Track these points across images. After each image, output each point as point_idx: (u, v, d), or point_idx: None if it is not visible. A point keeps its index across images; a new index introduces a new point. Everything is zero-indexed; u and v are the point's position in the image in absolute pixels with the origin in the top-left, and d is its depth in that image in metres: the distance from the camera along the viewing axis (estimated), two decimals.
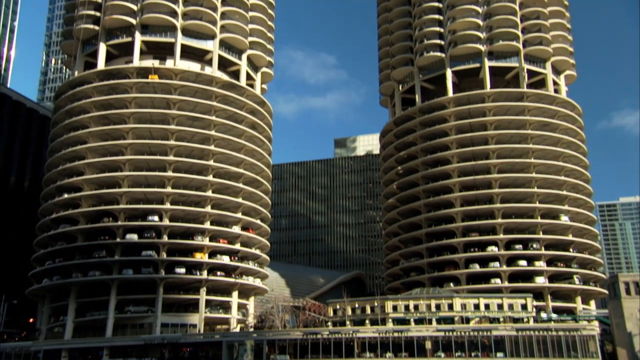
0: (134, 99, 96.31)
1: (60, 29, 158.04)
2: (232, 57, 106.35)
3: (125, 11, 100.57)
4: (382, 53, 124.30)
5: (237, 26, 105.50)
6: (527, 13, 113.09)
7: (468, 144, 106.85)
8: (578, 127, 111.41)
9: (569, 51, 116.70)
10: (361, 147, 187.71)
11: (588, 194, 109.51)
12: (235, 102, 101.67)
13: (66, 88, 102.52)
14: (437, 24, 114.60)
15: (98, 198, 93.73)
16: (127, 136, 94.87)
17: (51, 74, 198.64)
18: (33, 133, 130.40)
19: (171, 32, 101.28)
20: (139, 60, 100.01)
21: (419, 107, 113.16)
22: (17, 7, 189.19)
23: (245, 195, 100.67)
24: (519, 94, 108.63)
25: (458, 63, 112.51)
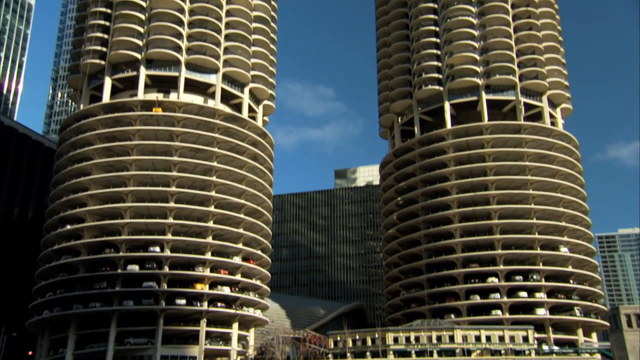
0: (137, 131, 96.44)
1: (67, 63, 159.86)
2: (235, 90, 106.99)
3: (130, 46, 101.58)
4: (382, 86, 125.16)
5: (240, 60, 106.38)
6: (522, 48, 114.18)
7: (467, 175, 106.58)
8: (575, 159, 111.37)
9: (564, 85, 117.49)
10: (361, 178, 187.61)
11: (587, 226, 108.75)
12: (237, 134, 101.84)
13: (71, 121, 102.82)
14: (435, 59, 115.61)
15: (100, 229, 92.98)
16: (130, 168, 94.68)
17: (57, 107, 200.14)
18: (38, 165, 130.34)
19: (175, 66, 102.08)
20: (144, 94, 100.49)
21: (418, 139, 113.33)
22: (27, 44, 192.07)
23: (246, 226, 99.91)
24: (516, 126, 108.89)
25: (456, 96, 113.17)
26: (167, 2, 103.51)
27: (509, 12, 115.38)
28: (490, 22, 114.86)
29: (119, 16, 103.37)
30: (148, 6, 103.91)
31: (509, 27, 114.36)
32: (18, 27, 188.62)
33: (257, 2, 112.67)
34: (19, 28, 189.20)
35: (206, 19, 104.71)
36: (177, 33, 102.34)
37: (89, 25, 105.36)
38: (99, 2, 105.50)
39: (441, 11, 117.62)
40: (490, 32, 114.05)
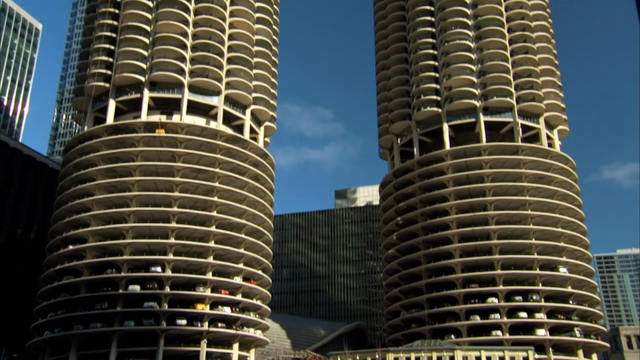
0: (140, 152, 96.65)
1: (73, 86, 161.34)
2: (237, 112, 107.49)
3: (135, 69, 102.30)
4: (381, 108, 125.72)
5: (242, 83, 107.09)
6: (519, 71, 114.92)
7: (466, 196, 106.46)
8: (572, 180, 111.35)
9: (560, 107, 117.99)
10: (361, 198, 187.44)
11: (585, 246, 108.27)
12: (239, 154, 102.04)
13: (75, 142, 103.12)
14: (433, 81, 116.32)
15: (102, 249, 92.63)
16: (133, 188, 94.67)
17: (62, 129, 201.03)
18: (42, 186, 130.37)
19: (178, 88, 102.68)
20: (147, 116, 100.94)
21: (417, 160, 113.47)
22: (33, 67, 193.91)
23: (247, 246, 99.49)
24: (514, 147, 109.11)
25: (454, 118, 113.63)
26: (171, 27, 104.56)
27: (505, 36, 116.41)
28: (487, 46, 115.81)
29: (123, 40, 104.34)
30: (152, 30, 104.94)
31: (505, 50, 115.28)
32: (25, 51, 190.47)
33: (259, 27, 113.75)
34: (26, 52, 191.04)
35: (209, 43, 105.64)
36: (180, 56, 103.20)
37: (95, 49, 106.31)
38: (105, 27, 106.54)
39: (439, 35, 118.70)
40: (487, 55, 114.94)
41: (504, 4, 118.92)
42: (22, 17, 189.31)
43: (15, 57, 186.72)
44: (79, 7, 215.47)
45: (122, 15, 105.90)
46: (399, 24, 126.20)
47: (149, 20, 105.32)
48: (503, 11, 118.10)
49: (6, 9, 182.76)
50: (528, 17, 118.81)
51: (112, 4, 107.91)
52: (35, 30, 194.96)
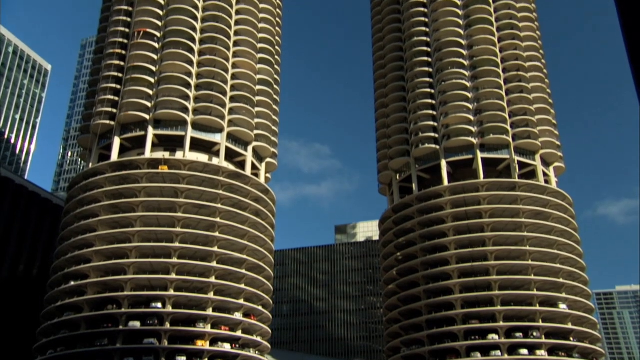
0: (143, 189, 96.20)
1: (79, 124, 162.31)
2: (239, 149, 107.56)
3: (139, 108, 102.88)
4: (380, 145, 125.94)
5: (244, 120, 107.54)
6: (515, 109, 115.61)
7: (465, 232, 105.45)
8: (570, 217, 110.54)
9: (556, 145, 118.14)
10: (361, 233, 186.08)
11: (584, 282, 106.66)
12: (241, 190, 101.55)
13: (80, 179, 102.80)
14: (431, 119, 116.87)
15: (103, 285, 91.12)
16: (135, 224, 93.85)
17: (67, 165, 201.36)
18: (46, 222, 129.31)
19: (182, 126, 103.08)
20: (151, 152, 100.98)
21: (416, 195, 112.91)
22: (41, 106, 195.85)
23: (247, 282, 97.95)
24: (511, 184, 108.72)
25: (452, 154, 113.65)
26: (176, 67, 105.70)
27: (500, 76, 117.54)
28: (483, 85, 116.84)
29: (129, 80, 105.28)
30: (158, 70, 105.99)
31: (501, 89, 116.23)
32: (34, 91, 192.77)
33: (261, 67, 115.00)
34: (35, 91, 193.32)
35: (212, 82, 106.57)
36: (184, 95, 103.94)
37: (101, 88, 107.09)
38: (112, 67, 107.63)
39: (436, 74, 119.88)
40: (483, 94, 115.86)
41: (498, 46, 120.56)
42: (32, 59, 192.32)
43: (25, 96, 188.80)
44: (87, 49, 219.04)
45: (129, 56, 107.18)
46: (397, 64, 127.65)
47: (154, 61, 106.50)
48: (498, 52, 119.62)
49: (17, 51, 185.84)
50: (522, 58, 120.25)
51: (119, 46, 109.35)
52: (44, 71, 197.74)
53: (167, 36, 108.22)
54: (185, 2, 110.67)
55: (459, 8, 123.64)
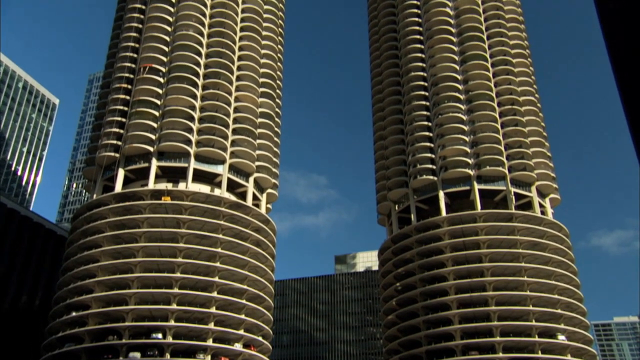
0: (146, 219, 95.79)
1: (84, 156, 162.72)
2: (240, 180, 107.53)
3: (144, 140, 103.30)
4: (379, 176, 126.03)
5: (246, 152, 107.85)
6: (510, 142, 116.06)
7: (463, 262, 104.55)
8: (566, 247, 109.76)
9: (551, 176, 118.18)
10: (361, 263, 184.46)
11: (582, 313, 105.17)
12: (242, 220, 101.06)
13: (84, 210, 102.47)
14: (428, 151, 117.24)
15: (105, 316, 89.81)
16: (137, 254, 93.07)
17: (71, 197, 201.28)
18: (49, 253, 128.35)
19: (185, 158, 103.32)
20: (154, 184, 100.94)
21: (414, 226, 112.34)
22: (48, 139, 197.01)
23: (248, 312, 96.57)
24: (508, 214, 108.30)
25: (449, 186, 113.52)
26: (180, 100, 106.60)
27: (495, 110, 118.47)
28: (479, 119, 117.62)
29: (134, 113, 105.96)
30: (162, 104, 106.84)
31: (496, 122, 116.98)
32: (41, 124, 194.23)
33: (262, 100, 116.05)
34: (42, 125, 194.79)
35: (215, 115, 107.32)
36: (188, 128, 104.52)
37: (107, 121, 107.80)
38: (118, 101, 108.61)
39: (433, 108, 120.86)
40: (479, 127, 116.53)
41: (493, 81, 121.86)
42: (41, 94, 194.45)
43: (32, 129, 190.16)
44: (94, 84, 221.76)
45: (134, 91, 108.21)
46: (394, 97, 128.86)
47: (159, 95, 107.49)
48: (492, 87, 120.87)
49: (27, 86, 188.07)
50: (516, 92, 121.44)
51: (125, 81, 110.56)
52: (52, 105, 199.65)
53: (172, 71, 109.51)
54: (190, 39, 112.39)
55: (455, 44, 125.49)
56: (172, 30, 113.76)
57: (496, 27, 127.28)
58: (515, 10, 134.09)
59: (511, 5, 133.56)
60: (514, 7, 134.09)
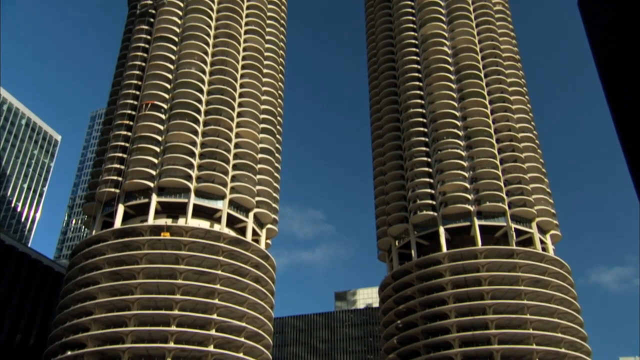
0: (145, 255, 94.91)
1: (84, 192, 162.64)
2: (240, 215, 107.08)
3: (144, 176, 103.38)
4: (379, 211, 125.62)
5: (246, 188, 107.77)
6: (509, 178, 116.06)
7: (465, 299, 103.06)
8: (569, 284, 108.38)
9: (551, 213, 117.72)
10: (361, 300, 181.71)
11: (587, 353, 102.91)
12: (241, 256, 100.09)
13: (83, 246, 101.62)
14: (428, 186, 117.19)
15: (100, 354, 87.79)
16: (135, 291, 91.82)
17: (70, 233, 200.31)
18: (45, 290, 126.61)
19: (185, 193, 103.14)
20: (153, 219, 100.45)
21: (415, 262, 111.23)
22: (49, 175, 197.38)
23: (246, 350, 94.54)
24: (509, 251, 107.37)
25: (450, 221, 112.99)
26: (181, 137, 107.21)
27: (494, 146, 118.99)
28: (478, 155, 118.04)
29: (135, 149, 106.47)
30: (163, 140, 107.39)
31: (495, 159, 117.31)
32: (43, 160, 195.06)
33: (263, 136, 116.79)
34: (44, 161, 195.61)
35: (216, 151, 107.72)
36: (188, 163, 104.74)
37: (108, 157, 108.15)
38: (119, 137, 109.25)
39: (432, 144, 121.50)
40: (478, 163, 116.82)
41: (491, 117, 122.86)
42: (43, 130, 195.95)
43: (34, 165, 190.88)
44: (96, 120, 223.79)
45: (136, 127, 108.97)
46: (394, 133, 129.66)
47: (160, 131, 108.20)
48: (491, 124, 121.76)
49: (30, 123, 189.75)
50: (514, 129, 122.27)
51: (127, 117, 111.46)
52: (54, 141, 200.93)
53: (173, 108, 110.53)
54: (192, 77, 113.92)
55: (453, 82, 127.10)
56: (175, 68, 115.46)
57: (493, 65, 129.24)
58: (512, 49, 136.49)
59: (508, 44, 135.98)
60: (511, 47, 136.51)
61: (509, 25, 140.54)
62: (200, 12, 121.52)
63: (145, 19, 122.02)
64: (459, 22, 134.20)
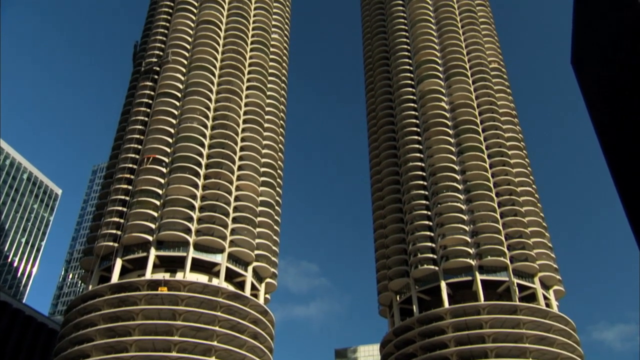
0: (141, 311, 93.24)
1: (83, 246, 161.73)
2: (239, 269, 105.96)
3: (143, 229, 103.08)
4: (380, 265, 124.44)
5: (245, 241, 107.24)
6: (510, 232, 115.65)
7: (468, 357, 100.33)
8: (574, 342, 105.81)
9: (553, 268, 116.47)
10: (362, 357, 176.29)
11: None
12: (239, 312, 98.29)
13: (78, 302, 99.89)
14: (428, 240, 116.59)
15: None
16: (130, 348, 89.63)
17: (66, 288, 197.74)
18: (38, 348, 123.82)
19: (184, 247, 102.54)
20: (151, 274, 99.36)
21: (417, 318, 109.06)
22: (47, 229, 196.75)
23: None
24: (512, 307, 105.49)
25: (451, 276, 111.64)
26: (181, 190, 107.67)
27: (494, 200, 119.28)
28: (478, 208, 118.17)
29: (135, 202, 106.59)
30: (164, 193, 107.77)
31: (495, 212, 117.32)
32: (42, 215, 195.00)
33: (263, 189, 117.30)
34: (43, 215, 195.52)
35: (216, 204, 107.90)
36: (188, 217, 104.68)
37: (108, 211, 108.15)
38: (119, 191, 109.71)
39: (432, 197, 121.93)
40: (478, 216, 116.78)
41: (490, 171, 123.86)
42: (44, 184, 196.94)
43: (32, 220, 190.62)
44: (97, 174, 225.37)
45: (136, 180, 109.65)
46: (393, 187, 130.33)
47: (161, 184, 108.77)
48: (490, 177, 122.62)
49: (32, 178, 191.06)
50: (514, 183, 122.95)
51: (128, 171, 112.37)
52: (55, 195, 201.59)
53: (174, 161, 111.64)
54: (194, 131, 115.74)
55: (451, 136, 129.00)
56: (177, 122, 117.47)
57: (491, 120, 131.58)
58: (508, 105, 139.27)
59: (504, 100, 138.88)
60: (507, 102, 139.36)
61: (505, 82, 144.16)
62: (203, 69, 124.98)
63: (150, 76, 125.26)
64: (455, 79, 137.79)
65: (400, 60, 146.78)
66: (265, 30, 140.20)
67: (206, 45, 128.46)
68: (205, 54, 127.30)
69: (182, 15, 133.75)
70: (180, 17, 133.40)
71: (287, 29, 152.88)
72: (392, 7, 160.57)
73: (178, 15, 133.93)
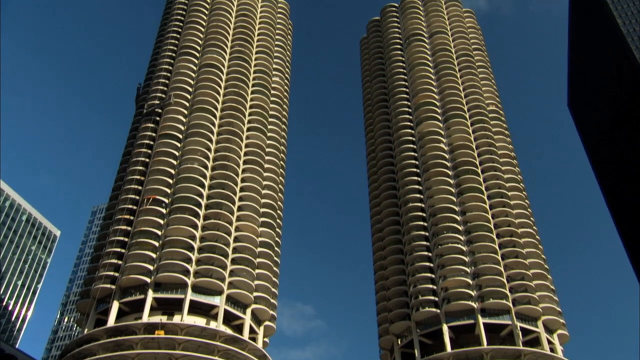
0: (137, 355, 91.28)
1: (79, 289, 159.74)
2: (237, 312, 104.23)
3: (141, 271, 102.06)
4: (380, 307, 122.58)
5: (244, 282, 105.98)
6: (512, 274, 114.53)
7: None
8: None
9: (557, 311, 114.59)
10: None
11: None
12: (237, 356, 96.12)
13: (73, 346, 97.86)
14: (429, 282, 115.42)
15: None
16: None
17: (61, 332, 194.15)
18: None
19: (182, 289, 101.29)
20: (148, 317, 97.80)
21: None
22: (44, 271, 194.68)
23: None
24: (516, 351, 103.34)
25: (453, 319, 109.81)
26: (180, 231, 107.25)
27: (495, 241, 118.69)
28: (479, 250, 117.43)
29: (134, 244, 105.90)
30: (163, 234, 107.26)
31: (496, 254, 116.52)
32: (40, 256, 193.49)
33: (263, 229, 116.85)
34: (40, 257, 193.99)
35: (215, 245, 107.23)
36: (187, 258, 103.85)
37: (106, 252, 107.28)
38: (118, 232, 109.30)
39: (432, 238, 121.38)
40: (479, 258, 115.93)
41: (490, 212, 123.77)
42: (43, 226, 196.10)
43: (30, 262, 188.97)
44: (97, 215, 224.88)
45: (136, 221, 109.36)
46: (394, 227, 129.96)
47: (160, 225, 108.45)
48: (490, 218, 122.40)
49: (30, 219, 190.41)
50: (514, 224, 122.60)
51: (127, 212, 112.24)
52: (53, 236, 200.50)
53: (174, 202, 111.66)
54: (195, 172, 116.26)
55: (451, 177, 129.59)
56: (178, 163, 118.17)
57: (489, 161, 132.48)
58: (507, 146, 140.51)
59: (502, 142, 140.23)
60: (505, 144, 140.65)
61: (503, 124, 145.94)
62: (205, 111, 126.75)
63: (152, 118, 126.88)
64: (454, 120, 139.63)
65: (399, 103, 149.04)
66: (266, 74, 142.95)
67: (208, 88, 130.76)
68: (207, 96, 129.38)
69: (185, 58, 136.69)
70: (183, 60, 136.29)
71: (287, 72, 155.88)
72: (391, 50, 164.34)
73: (181, 59, 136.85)
